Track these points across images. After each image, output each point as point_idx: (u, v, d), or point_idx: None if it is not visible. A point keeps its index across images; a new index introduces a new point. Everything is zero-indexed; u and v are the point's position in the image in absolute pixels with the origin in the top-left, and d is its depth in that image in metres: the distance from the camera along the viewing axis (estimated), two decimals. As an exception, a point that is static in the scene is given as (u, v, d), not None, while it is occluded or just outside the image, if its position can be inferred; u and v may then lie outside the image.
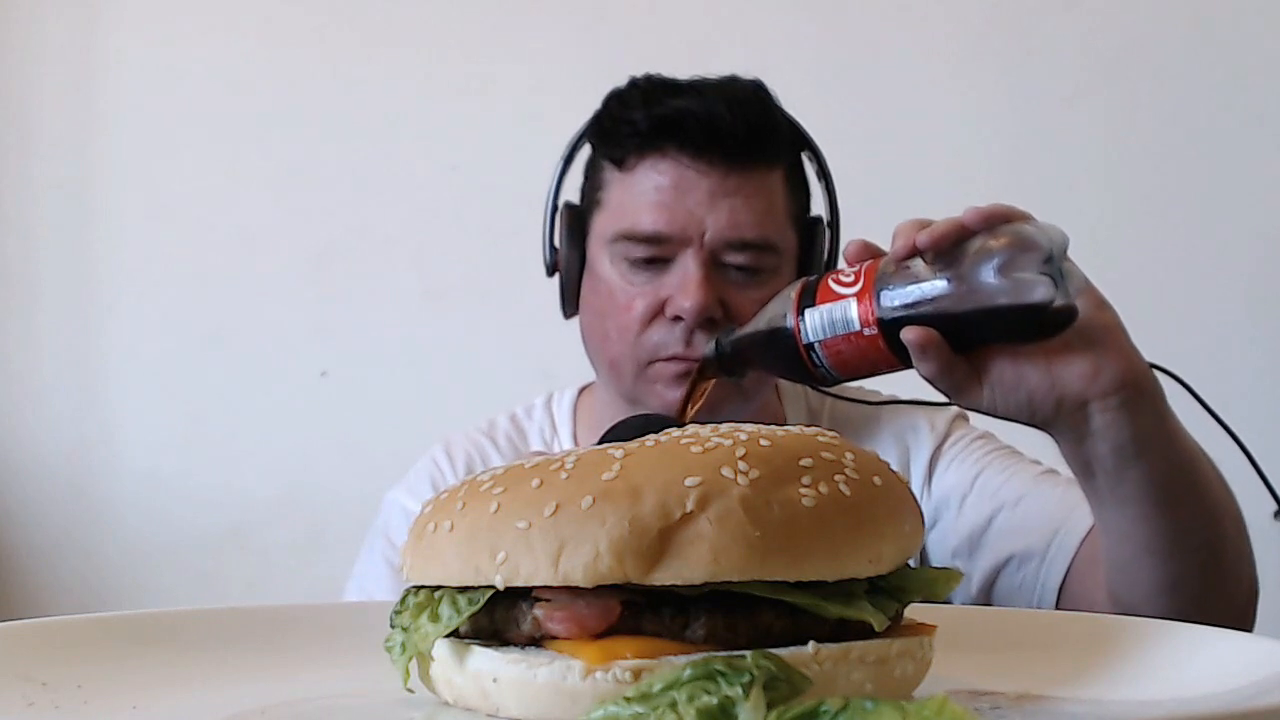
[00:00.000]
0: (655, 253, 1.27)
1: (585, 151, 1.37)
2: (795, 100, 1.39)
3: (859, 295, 0.97)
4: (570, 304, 1.36)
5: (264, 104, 2.34)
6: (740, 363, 1.09)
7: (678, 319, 1.26)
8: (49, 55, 2.35)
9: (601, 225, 1.31)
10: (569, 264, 1.33)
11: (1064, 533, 1.23)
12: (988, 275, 0.93)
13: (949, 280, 0.94)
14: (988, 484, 1.33)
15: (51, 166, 2.35)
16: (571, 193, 1.38)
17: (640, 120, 1.28)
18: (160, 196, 2.34)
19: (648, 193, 1.27)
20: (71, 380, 2.33)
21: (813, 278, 1.01)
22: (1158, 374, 1.04)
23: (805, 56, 2.28)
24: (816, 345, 0.99)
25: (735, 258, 1.27)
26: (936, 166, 2.20)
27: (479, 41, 2.34)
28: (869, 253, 0.99)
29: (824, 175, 1.36)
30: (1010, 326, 0.95)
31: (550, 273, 1.37)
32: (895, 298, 0.96)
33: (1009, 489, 1.31)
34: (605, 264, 1.30)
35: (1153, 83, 2.27)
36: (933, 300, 0.95)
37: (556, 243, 1.35)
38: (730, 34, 2.29)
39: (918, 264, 0.95)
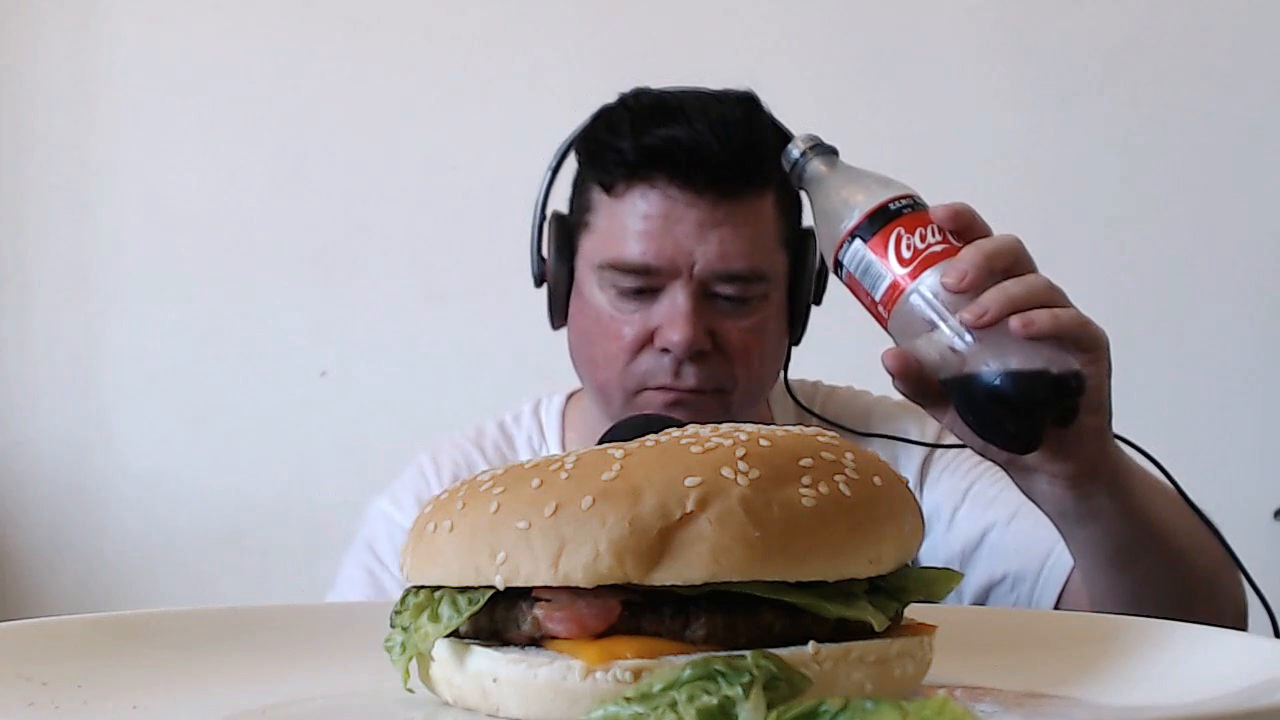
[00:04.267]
0: (643, 283, 1.25)
1: (573, 159, 1.35)
2: (801, 100, 1.39)
3: (898, 278, 0.95)
4: (558, 316, 1.34)
5: (264, 104, 2.34)
6: (799, 182, 1.06)
7: (666, 350, 1.25)
8: (47, 55, 2.35)
9: (590, 249, 1.29)
10: (558, 277, 1.32)
11: (1057, 555, 1.22)
12: (1003, 377, 0.91)
13: (971, 343, 0.92)
14: (980, 497, 1.31)
15: (50, 166, 2.35)
16: (559, 200, 1.36)
17: (628, 150, 1.26)
18: (159, 196, 2.35)
19: (636, 222, 1.25)
20: (71, 381, 2.34)
21: (891, 208, 0.97)
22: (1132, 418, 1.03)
23: (811, 58, 2.28)
24: (844, 264, 0.98)
25: (725, 288, 1.25)
26: (942, 166, 2.20)
27: (479, 42, 2.34)
28: (958, 224, 0.96)
29: (791, 204, 1.32)
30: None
31: (538, 283, 1.35)
32: (919, 311, 0.94)
33: (1001, 504, 1.29)
34: (593, 288, 1.28)
35: (1159, 80, 2.27)
36: (942, 344, 0.93)
37: (544, 253, 1.34)
38: (734, 33, 2.29)
39: (963, 303, 0.93)
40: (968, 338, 0.92)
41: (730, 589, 0.62)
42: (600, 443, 0.85)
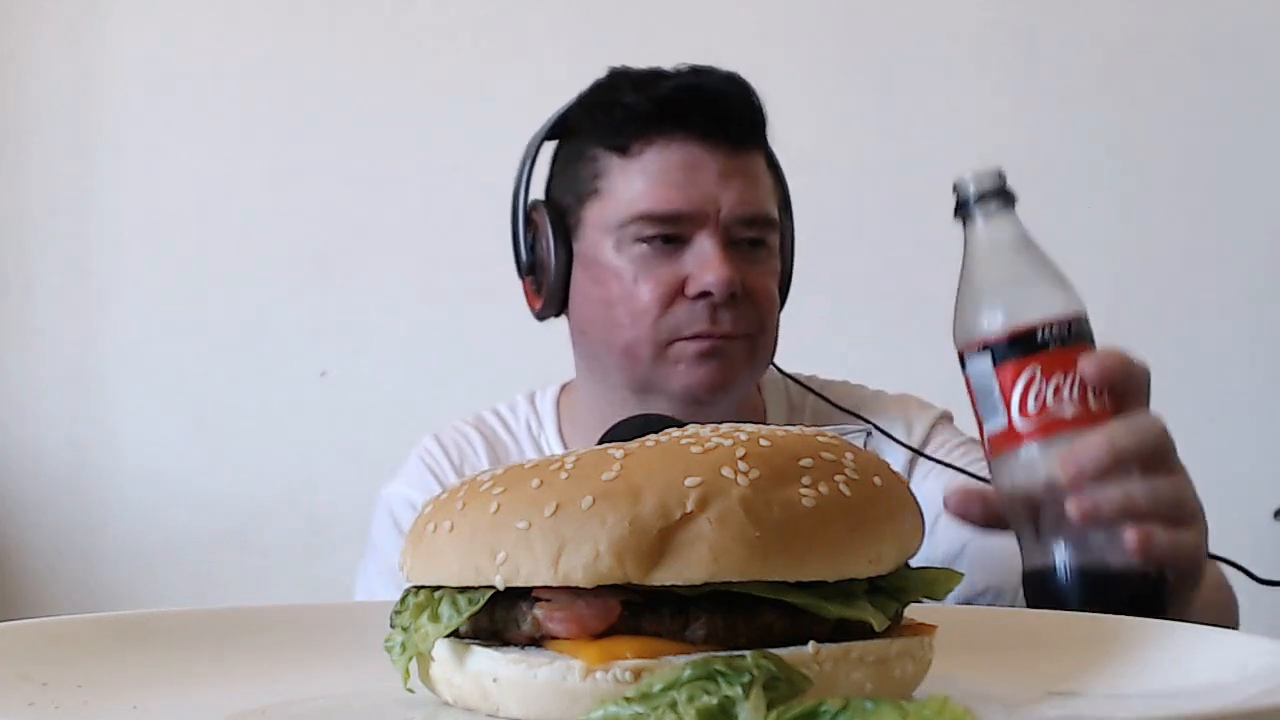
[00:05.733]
0: (672, 231, 1.27)
1: (549, 151, 1.37)
2: (801, 100, 1.39)
3: (1015, 427, 0.86)
4: (554, 303, 1.35)
5: (264, 104, 2.34)
6: (965, 219, 0.93)
7: (702, 296, 1.26)
8: (48, 55, 2.35)
9: (604, 213, 1.30)
10: (557, 261, 1.32)
11: None
12: (1095, 578, 0.85)
13: (1071, 531, 0.85)
14: None
15: (50, 166, 2.35)
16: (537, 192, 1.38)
17: (641, 104, 1.28)
18: (160, 196, 2.35)
19: (662, 173, 1.27)
20: (71, 380, 2.34)
21: (1038, 338, 0.86)
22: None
23: (811, 57, 2.28)
24: (967, 367, 0.89)
25: (745, 233, 1.28)
26: (942, 166, 2.20)
27: (479, 42, 2.34)
28: (1103, 382, 0.86)
29: (775, 166, 1.37)
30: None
31: (527, 273, 1.36)
32: (1022, 476, 0.87)
33: None
34: (610, 252, 1.29)
35: (1159, 80, 2.27)
36: (1038, 520, 0.87)
37: (534, 242, 1.35)
38: (734, 33, 2.29)
39: (1059, 499, 0.85)
40: (1069, 523, 0.85)
41: (730, 589, 0.62)
42: (600, 442, 0.85)
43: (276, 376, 2.32)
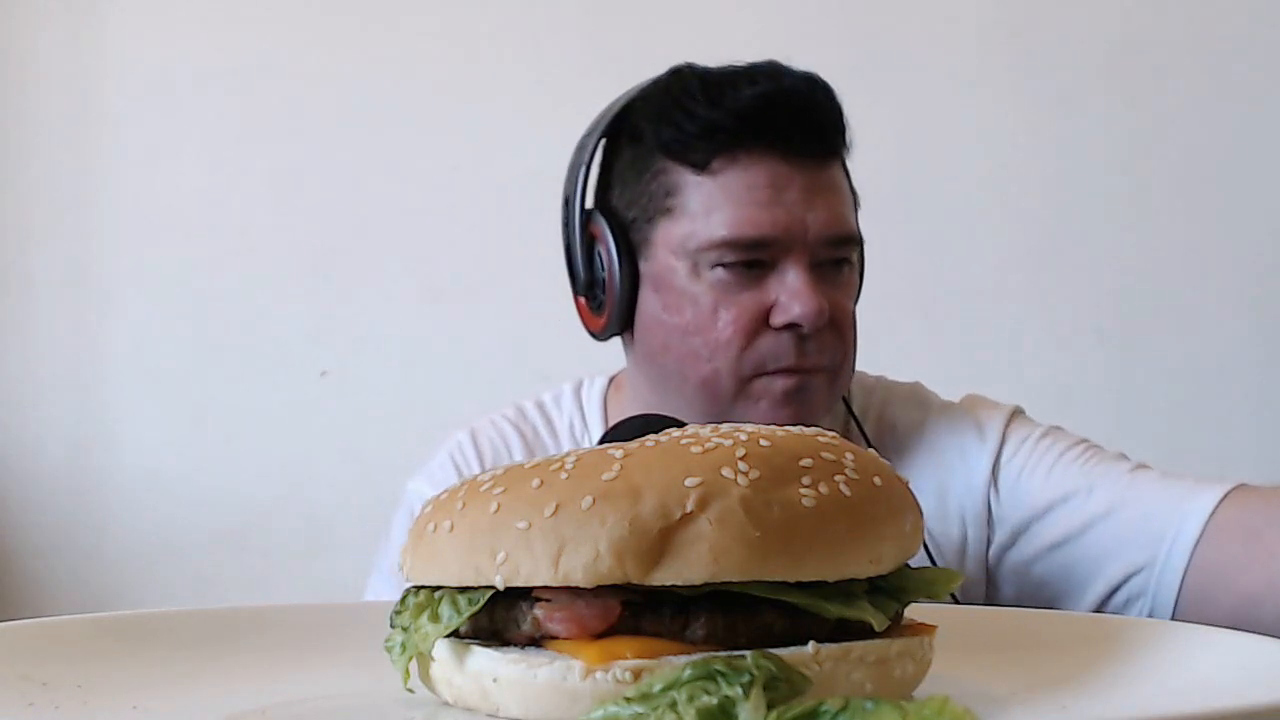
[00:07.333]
0: (758, 256, 1.17)
1: (604, 158, 1.27)
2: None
3: None
4: (618, 325, 1.24)
5: (264, 104, 2.34)
6: None
7: (789, 327, 1.17)
8: (48, 55, 2.35)
9: (678, 234, 1.19)
10: (622, 280, 1.22)
11: (1175, 535, 1.13)
12: None
13: None
14: (1069, 500, 1.21)
15: (51, 166, 2.35)
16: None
17: (721, 117, 1.18)
18: (160, 196, 2.34)
19: (747, 194, 1.17)
20: (71, 381, 2.34)
21: None
22: None
23: (811, 57, 2.28)
24: None
25: (831, 254, 1.19)
26: (942, 166, 2.20)
27: (479, 41, 2.34)
28: None
29: (846, 169, 1.28)
30: None
31: (584, 290, 1.26)
32: None
33: (1097, 500, 1.19)
34: (682, 276, 1.19)
35: (1159, 79, 2.27)
36: None
37: (592, 257, 1.25)
38: (735, 34, 2.29)
39: None
40: None
41: (730, 589, 0.62)
42: (600, 443, 0.85)
43: (276, 376, 2.32)
